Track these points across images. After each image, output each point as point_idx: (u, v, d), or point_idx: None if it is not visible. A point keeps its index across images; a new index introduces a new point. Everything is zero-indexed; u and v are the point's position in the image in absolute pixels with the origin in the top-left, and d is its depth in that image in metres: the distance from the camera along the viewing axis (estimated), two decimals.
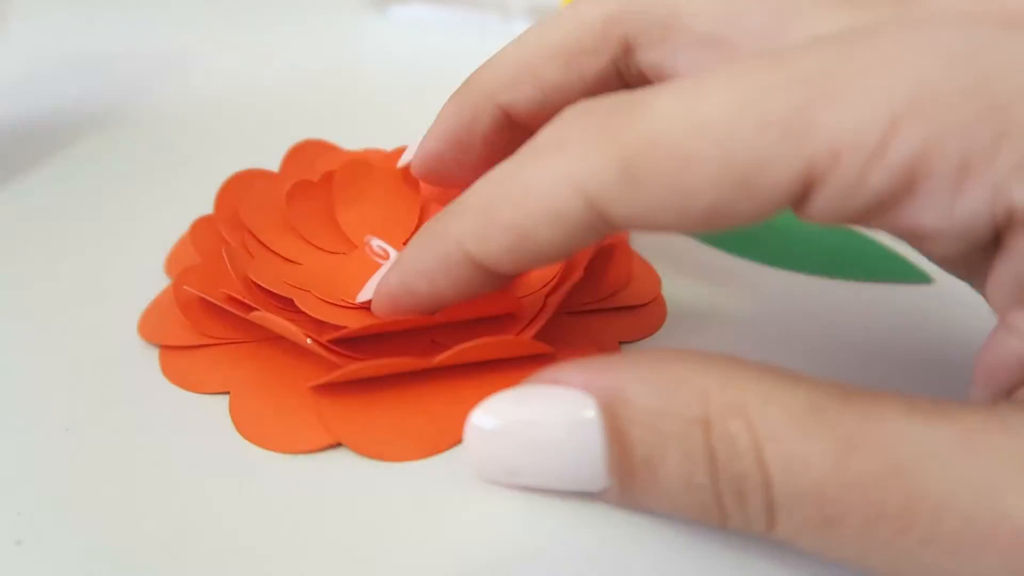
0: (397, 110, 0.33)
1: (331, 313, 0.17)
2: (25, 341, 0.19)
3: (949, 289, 0.21)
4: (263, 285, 0.17)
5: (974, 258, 0.12)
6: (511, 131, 0.18)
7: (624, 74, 0.17)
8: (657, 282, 0.20)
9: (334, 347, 0.16)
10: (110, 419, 0.16)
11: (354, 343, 0.17)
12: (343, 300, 0.18)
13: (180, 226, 0.22)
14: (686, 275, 0.21)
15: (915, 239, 0.12)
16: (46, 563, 0.13)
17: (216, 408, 0.17)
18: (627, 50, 0.16)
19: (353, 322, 0.17)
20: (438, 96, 0.32)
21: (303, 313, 0.17)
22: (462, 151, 0.18)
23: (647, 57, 0.16)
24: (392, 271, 0.16)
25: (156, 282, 0.20)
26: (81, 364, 0.18)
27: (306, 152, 0.23)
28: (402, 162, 0.20)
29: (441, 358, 0.16)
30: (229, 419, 0.16)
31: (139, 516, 0.14)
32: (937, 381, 0.18)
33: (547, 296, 0.17)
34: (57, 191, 0.19)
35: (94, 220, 0.24)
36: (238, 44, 0.39)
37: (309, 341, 0.16)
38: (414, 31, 0.43)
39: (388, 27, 0.44)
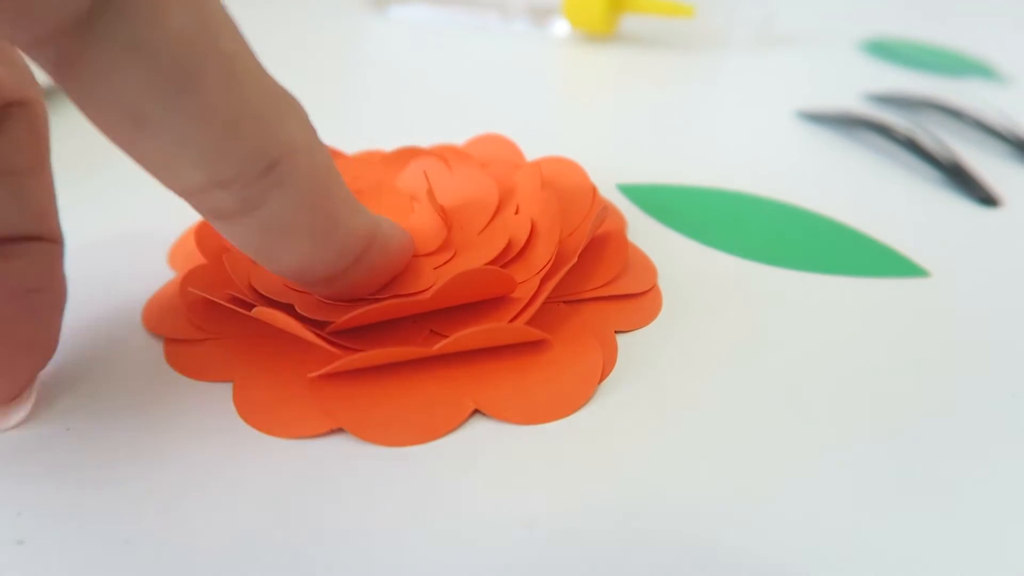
0: (397, 110, 0.33)
1: (330, 313, 0.17)
2: None
3: (945, 283, 0.22)
4: (264, 293, 0.18)
5: None
6: None
7: None
8: (654, 273, 0.21)
9: (334, 339, 0.16)
10: (113, 407, 0.17)
11: (353, 333, 0.17)
12: (342, 300, 0.18)
13: (182, 219, 0.23)
14: (683, 271, 0.21)
15: None
16: (47, 563, 0.13)
17: (219, 395, 0.17)
18: None
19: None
20: (438, 96, 0.33)
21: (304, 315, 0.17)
22: None
23: None
24: None
25: (159, 274, 0.21)
26: (85, 353, 0.18)
27: None
28: None
29: (438, 347, 0.16)
30: (232, 406, 0.16)
31: (142, 509, 0.14)
32: (936, 374, 0.18)
33: (542, 281, 0.18)
34: (60, 184, 0.19)
35: (97, 212, 0.24)
36: None
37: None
38: (414, 31, 0.44)
39: (388, 27, 0.44)
